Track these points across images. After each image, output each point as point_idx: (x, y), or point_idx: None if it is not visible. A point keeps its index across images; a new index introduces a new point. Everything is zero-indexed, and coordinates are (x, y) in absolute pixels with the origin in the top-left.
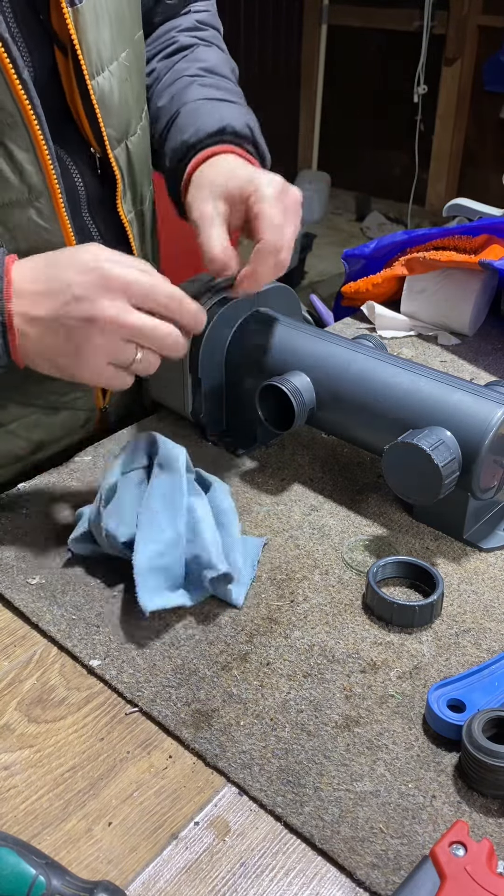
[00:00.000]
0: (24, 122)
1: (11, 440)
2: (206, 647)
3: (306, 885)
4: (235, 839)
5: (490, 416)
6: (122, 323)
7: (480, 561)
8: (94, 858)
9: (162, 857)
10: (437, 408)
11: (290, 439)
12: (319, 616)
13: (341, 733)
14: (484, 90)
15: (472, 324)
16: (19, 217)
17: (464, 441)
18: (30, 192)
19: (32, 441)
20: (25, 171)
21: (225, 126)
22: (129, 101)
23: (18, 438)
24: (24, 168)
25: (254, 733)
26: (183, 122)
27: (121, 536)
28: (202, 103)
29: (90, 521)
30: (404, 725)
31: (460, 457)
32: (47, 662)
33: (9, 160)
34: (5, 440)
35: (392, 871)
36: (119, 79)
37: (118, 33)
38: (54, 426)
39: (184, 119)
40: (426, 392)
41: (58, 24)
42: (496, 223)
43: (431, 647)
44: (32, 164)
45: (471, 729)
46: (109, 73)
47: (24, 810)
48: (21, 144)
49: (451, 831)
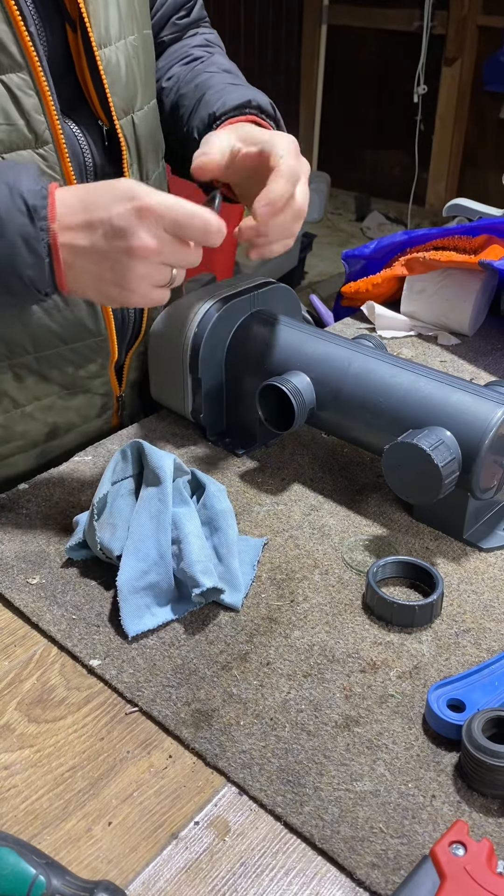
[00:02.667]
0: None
1: (28, 422)
2: (206, 647)
3: (306, 885)
4: (235, 839)
5: (490, 416)
6: (160, 250)
7: (480, 561)
8: (94, 858)
9: (162, 857)
10: (436, 408)
11: (290, 439)
12: (319, 616)
13: (341, 733)
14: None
15: (472, 324)
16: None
17: (464, 441)
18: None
19: (48, 423)
20: (32, 120)
21: (250, 100)
22: (136, 77)
23: (35, 421)
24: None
25: (254, 733)
26: (209, 98)
27: (115, 550)
28: (227, 86)
29: (84, 532)
30: (404, 725)
31: (460, 456)
32: (47, 662)
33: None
34: (23, 422)
35: (392, 871)
36: (126, 55)
37: (126, 18)
38: (70, 410)
39: (210, 96)
40: (426, 392)
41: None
42: (496, 223)
43: (431, 646)
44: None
45: (471, 729)
46: (116, 47)
47: (24, 810)
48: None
49: (451, 831)
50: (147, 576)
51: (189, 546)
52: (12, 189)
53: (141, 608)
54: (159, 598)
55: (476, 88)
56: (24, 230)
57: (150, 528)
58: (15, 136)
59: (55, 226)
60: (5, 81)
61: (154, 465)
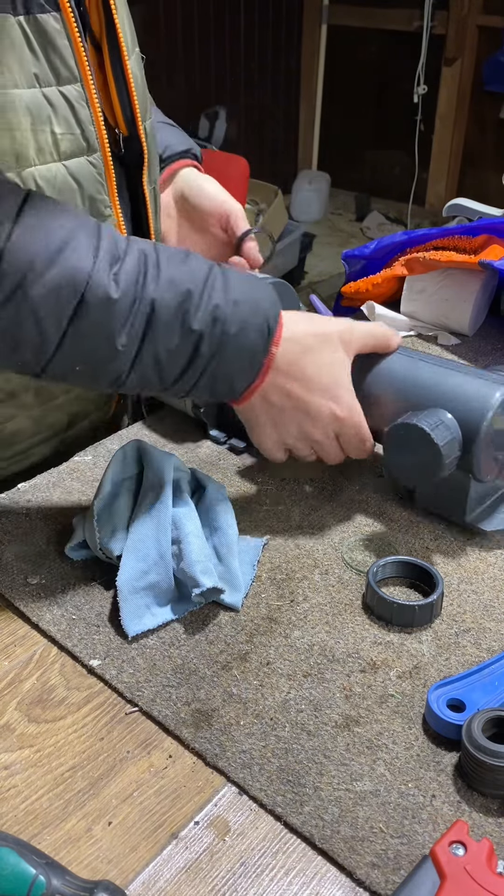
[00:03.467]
0: (83, 85)
1: (56, 415)
2: (206, 646)
3: (306, 885)
4: (235, 839)
5: (489, 397)
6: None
7: (480, 561)
8: (94, 858)
9: (162, 857)
10: (436, 390)
11: None
12: (319, 616)
13: (341, 733)
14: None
15: (472, 324)
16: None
17: (464, 422)
18: (88, 148)
19: (70, 414)
20: (86, 129)
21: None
22: (146, 87)
23: (61, 413)
24: (85, 126)
25: (254, 733)
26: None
27: (115, 550)
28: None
29: (85, 532)
30: (404, 725)
31: (460, 437)
32: (47, 662)
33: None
34: (53, 414)
35: (392, 871)
36: (139, 66)
37: (132, 32)
38: (88, 401)
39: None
40: (425, 375)
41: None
42: (496, 223)
43: (431, 646)
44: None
45: (471, 728)
46: (133, 59)
47: (24, 810)
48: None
49: (451, 831)
50: (147, 576)
51: (189, 546)
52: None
53: (141, 608)
54: (159, 598)
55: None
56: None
57: (149, 528)
58: (75, 144)
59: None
60: (64, 93)
61: (154, 466)
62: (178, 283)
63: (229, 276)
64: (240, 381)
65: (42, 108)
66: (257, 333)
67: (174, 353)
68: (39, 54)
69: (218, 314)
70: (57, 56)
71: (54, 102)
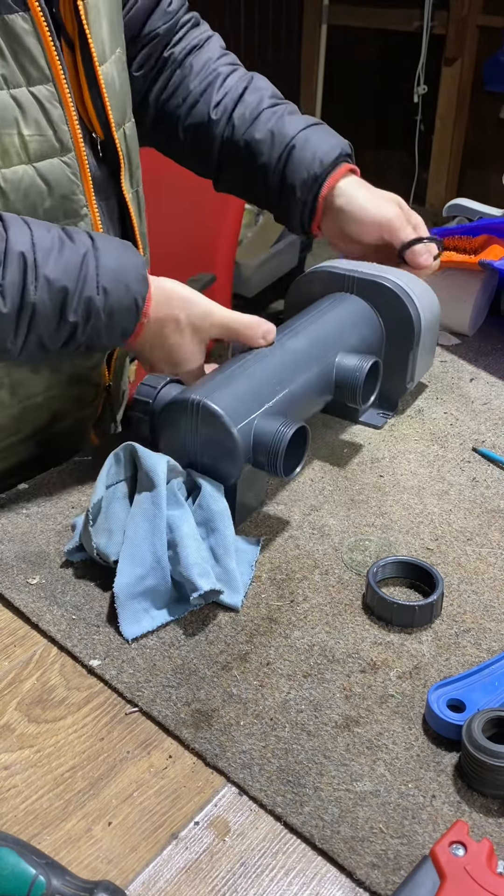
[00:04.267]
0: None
1: (39, 411)
2: (206, 647)
3: (306, 885)
4: (235, 839)
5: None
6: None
7: (480, 561)
8: (94, 858)
9: (162, 857)
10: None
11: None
12: (319, 616)
13: (341, 733)
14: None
15: (472, 324)
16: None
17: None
18: (62, 149)
19: (51, 412)
20: (59, 130)
21: (340, 152)
22: (126, 91)
23: (42, 411)
24: (58, 126)
25: (254, 733)
26: (302, 156)
27: (112, 555)
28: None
29: (81, 537)
30: (404, 725)
31: None
32: (47, 662)
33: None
34: (32, 412)
35: (392, 871)
36: (118, 69)
37: (113, 31)
38: (70, 398)
39: (301, 154)
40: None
41: (65, 17)
42: (496, 223)
43: (431, 647)
44: (63, 123)
45: (471, 729)
46: (111, 62)
47: (24, 810)
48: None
49: (451, 831)
50: (144, 580)
51: (185, 549)
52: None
53: (139, 612)
54: (157, 601)
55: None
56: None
57: (145, 531)
58: (45, 145)
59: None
60: (35, 93)
61: (147, 468)
62: (54, 281)
63: (101, 260)
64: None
65: (7, 110)
66: (127, 314)
67: (54, 336)
68: (7, 55)
69: (91, 306)
70: (26, 56)
71: (23, 103)
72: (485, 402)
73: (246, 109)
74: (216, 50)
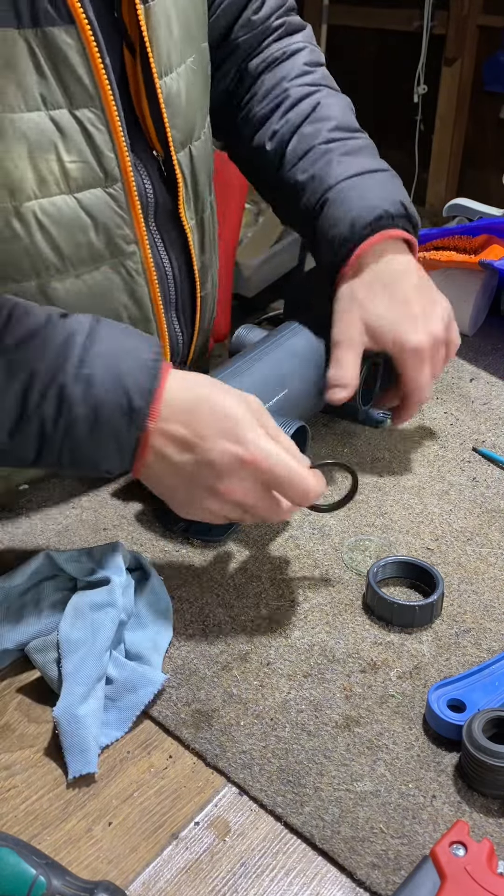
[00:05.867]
0: (103, 106)
1: None
2: (206, 647)
3: (306, 885)
4: (235, 839)
5: None
6: (241, 503)
7: (480, 561)
8: (94, 858)
9: (162, 857)
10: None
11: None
12: (319, 616)
13: (341, 733)
14: (484, 90)
15: (472, 324)
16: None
17: None
18: (106, 178)
19: None
20: (104, 157)
21: (381, 214)
22: (195, 105)
23: None
24: (103, 153)
25: (254, 733)
26: (334, 213)
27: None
28: (348, 185)
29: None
30: (404, 725)
31: None
32: None
33: (89, 144)
34: None
35: (392, 871)
36: (186, 81)
37: (186, 37)
38: None
39: (334, 209)
40: None
41: (129, 22)
42: (496, 223)
43: (431, 647)
44: (110, 150)
45: (471, 729)
46: (177, 74)
47: (24, 810)
48: (99, 129)
49: (452, 831)
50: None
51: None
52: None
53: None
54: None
55: (476, 88)
56: (118, 433)
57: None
58: (88, 174)
59: (153, 426)
60: (78, 116)
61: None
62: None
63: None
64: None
65: (45, 134)
66: (117, 412)
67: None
68: (47, 72)
69: (64, 395)
70: (69, 74)
71: (64, 127)
72: (485, 402)
73: (300, 143)
74: (297, 67)
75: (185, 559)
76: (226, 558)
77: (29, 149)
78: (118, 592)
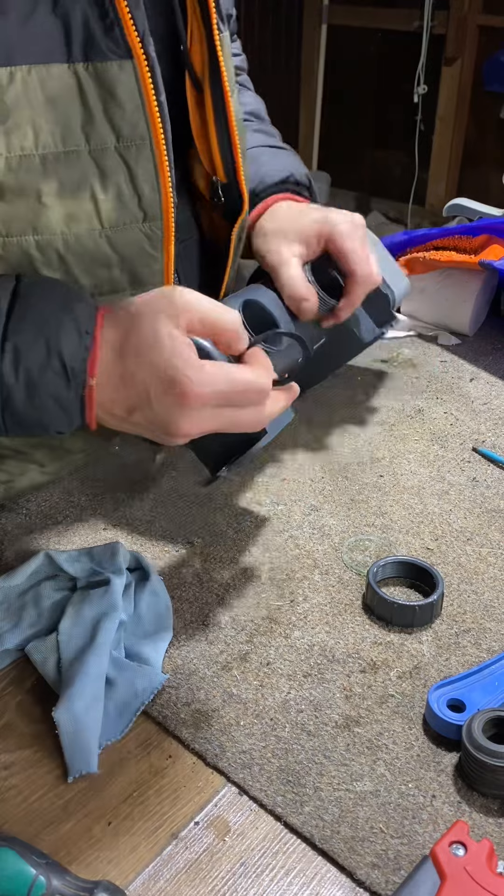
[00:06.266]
0: (153, 145)
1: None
2: (206, 647)
3: (306, 885)
4: (235, 839)
5: None
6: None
7: (480, 561)
8: (94, 858)
9: (162, 857)
10: None
11: (290, 439)
12: (319, 616)
13: (341, 733)
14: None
15: (472, 324)
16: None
17: None
18: (145, 217)
19: None
20: (144, 196)
21: (289, 175)
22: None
23: None
24: (144, 192)
25: (254, 733)
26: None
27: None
28: (261, 151)
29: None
30: (404, 725)
31: None
32: None
33: (130, 183)
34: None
35: (392, 871)
36: (238, 104)
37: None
38: None
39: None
40: None
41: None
42: (496, 223)
43: (431, 647)
44: (153, 190)
45: (471, 729)
46: (235, 98)
47: (23, 810)
48: (145, 167)
49: (451, 831)
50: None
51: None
52: (51, 348)
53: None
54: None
55: (476, 88)
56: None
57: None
58: (123, 212)
59: (93, 382)
60: (122, 153)
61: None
62: None
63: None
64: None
65: (82, 172)
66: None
67: None
68: (92, 107)
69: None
70: (118, 110)
71: (105, 165)
72: (485, 402)
73: None
74: None
75: (185, 559)
76: (226, 558)
77: (59, 187)
78: (118, 593)
